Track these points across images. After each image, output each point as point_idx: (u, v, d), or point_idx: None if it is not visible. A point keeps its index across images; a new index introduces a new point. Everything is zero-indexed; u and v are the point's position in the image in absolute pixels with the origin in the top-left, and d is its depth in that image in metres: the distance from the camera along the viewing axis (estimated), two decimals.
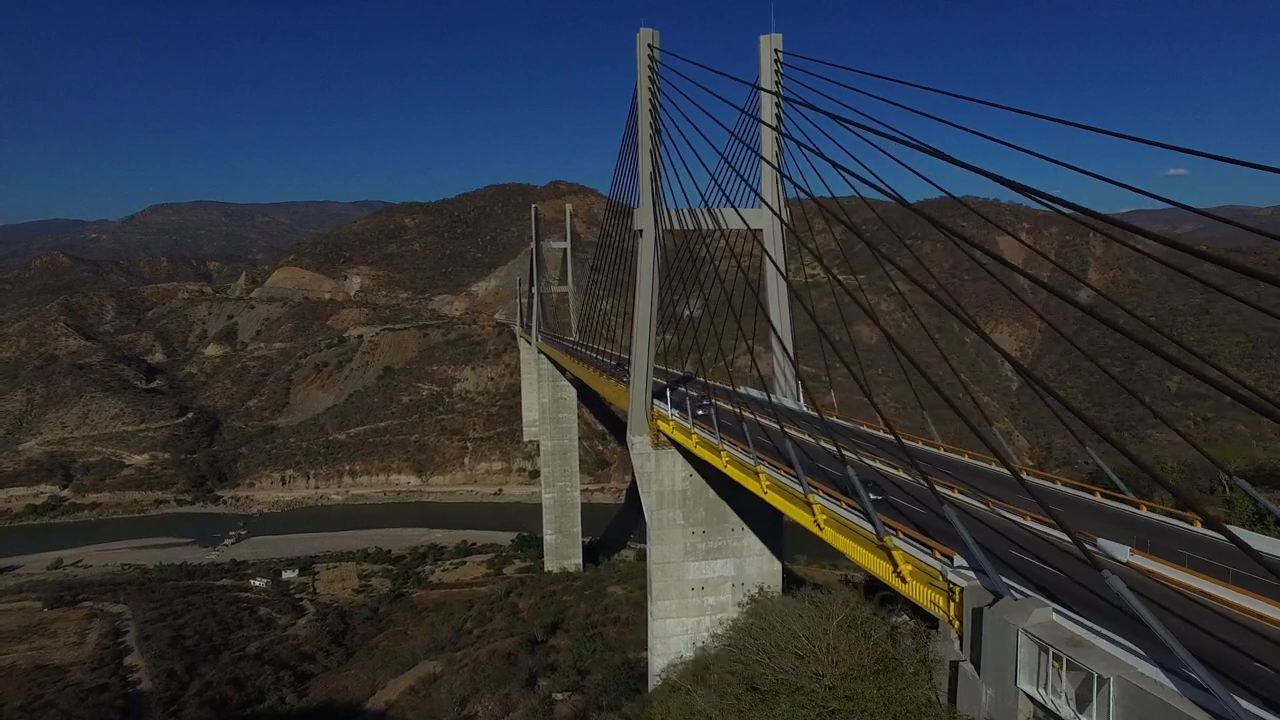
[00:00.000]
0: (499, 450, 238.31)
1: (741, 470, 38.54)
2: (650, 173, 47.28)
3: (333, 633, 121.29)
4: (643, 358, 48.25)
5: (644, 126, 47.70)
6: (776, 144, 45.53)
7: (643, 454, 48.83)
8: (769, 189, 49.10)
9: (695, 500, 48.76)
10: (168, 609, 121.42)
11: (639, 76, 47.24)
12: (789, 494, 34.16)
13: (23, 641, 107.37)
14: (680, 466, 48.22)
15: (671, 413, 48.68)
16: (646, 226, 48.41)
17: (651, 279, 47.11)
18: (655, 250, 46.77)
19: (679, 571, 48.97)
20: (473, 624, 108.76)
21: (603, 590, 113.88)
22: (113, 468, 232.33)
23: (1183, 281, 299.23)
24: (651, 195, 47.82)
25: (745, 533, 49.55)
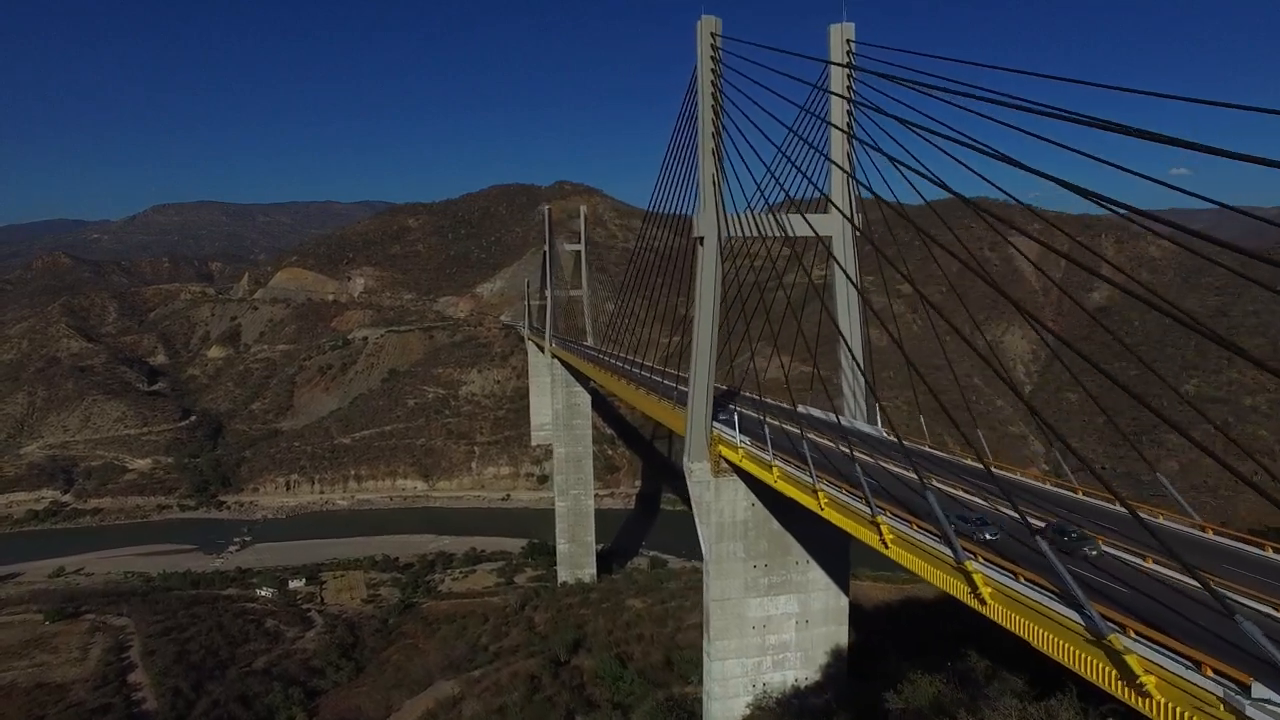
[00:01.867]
0: (506, 455, 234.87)
1: (851, 517, 33.43)
2: (713, 174, 43.62)
3: (342, 646, 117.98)
4: (703, 378, 44.63)
5: (705, 124, 43.73)
6: (847, 143, 41.94)
7: (702, 482, 45.32)
8: (838, 192, 45.49)
9: (758, 532, 45.31)
10: (172, 622, 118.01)
11: (699, 70, 43.37)
12: (929, 555, 28.34)
13: (23, 657, 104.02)
14: (742, 495, 44.77)
15: (741, 439, 44.53)
16: (708, 233, 44.49)
17: (714, 290, 43.54)
18: (718, 258, 43.14)
19: (739, 609, 45.50)
20: (488, 639, 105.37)
21: (621, 604, 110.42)
22: (115, 472, 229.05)
23: (1196, 283, 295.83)
24: (714, 199, 44.04)
25: (810, 566, 46.09)
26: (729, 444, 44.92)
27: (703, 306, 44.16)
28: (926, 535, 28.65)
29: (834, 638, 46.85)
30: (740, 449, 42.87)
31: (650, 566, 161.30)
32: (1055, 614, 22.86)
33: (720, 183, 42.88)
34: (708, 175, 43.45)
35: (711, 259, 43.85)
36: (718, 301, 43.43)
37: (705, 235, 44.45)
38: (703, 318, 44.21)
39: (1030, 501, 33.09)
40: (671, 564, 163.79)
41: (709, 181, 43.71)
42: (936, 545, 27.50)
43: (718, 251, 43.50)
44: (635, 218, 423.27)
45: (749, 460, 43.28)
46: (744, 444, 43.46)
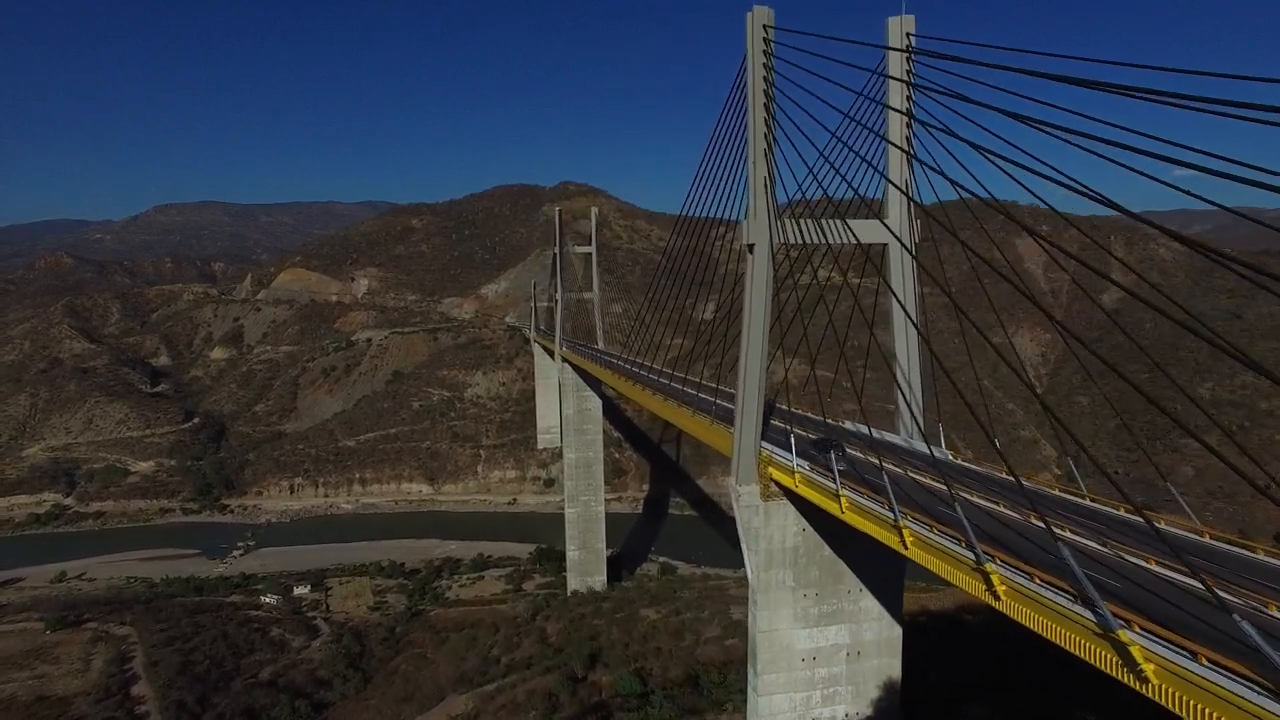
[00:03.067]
0: (513, 458, 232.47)
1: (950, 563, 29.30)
2: (764, 177, 40.75)
3: (349, 655, 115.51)
4: (753, 396, 41.71)
5: (755, 125, 40.44)
6: (906, 144, 39.31)
7: (751, 507, 42.63)
8: (894, 196, 42.81)
9: (808, 559, 42.69)
10: (176, 631, 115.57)
11: (750, 65, 40.09)
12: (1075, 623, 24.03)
13: (24, 668, 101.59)
14: (792, 520, 42.14)
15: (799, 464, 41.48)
16: (759, 240, 41.19)
17: (765, 301, 40.91)
18: (770, 268, 40.42)
19: (788, 640, 42.85)
20: (499, 650, 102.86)
21: (635, 614, 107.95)
22: (117, 475, 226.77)
23: (1207, 285, 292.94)
24: (766, 204, 41.10)
25: (863, 594, 43.53)
26: (781, 467, 42.01)
27: (753, 319, 41.30)
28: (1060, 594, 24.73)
29: (886, 670, 44.17)
30: (797, 473, 40.19)
31: (660, 573, 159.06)
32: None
33: (772, 186, 40.36)
34: (759, 178, 40.66)
35: (763, 268, 40.99)
36: (768, 314, 40.79)
37: (756, 242, 41.45)
38: (753, 331, 41.29)
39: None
40: (681, 570, 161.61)
41: (760, 185, 40.91)
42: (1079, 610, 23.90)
43: (770, 260, 41.00)
44: (640, 219, 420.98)
45: (808, 487, 40.36)
46: (801, 468, 40.91)
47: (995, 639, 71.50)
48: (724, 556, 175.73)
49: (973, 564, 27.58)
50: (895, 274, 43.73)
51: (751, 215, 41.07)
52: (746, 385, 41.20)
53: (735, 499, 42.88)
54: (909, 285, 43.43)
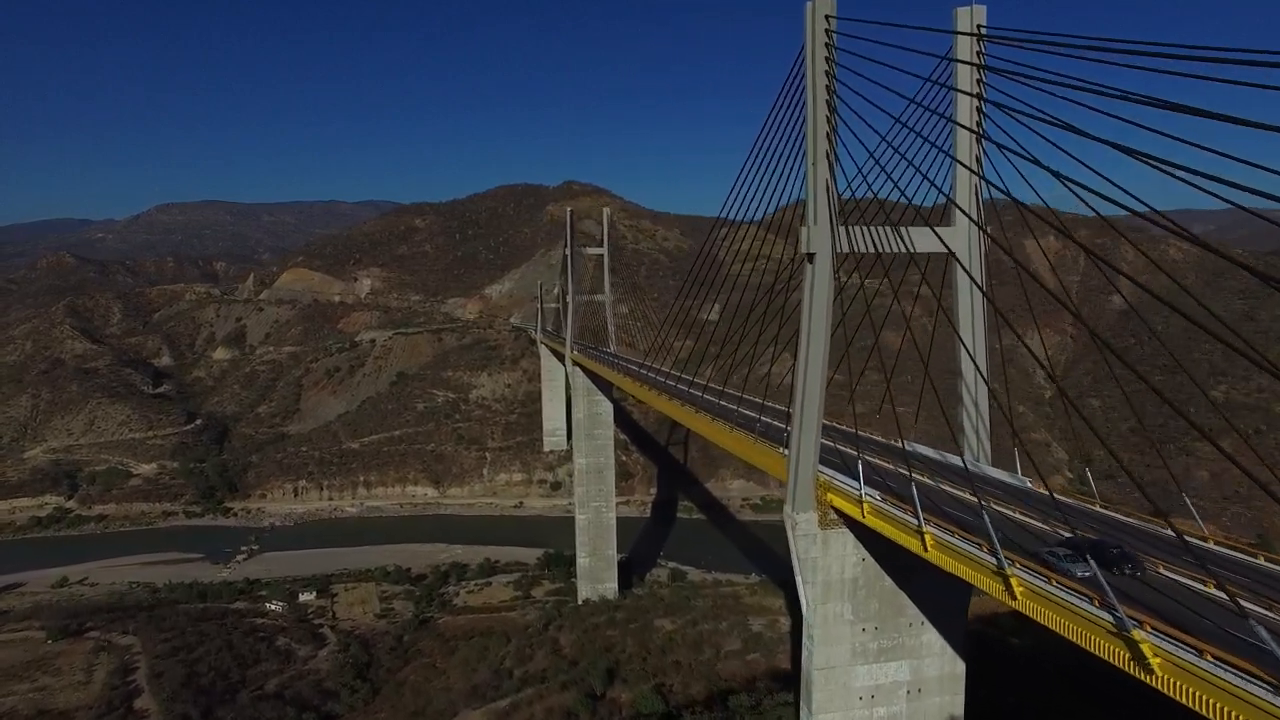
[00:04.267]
0: (519, 461, 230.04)
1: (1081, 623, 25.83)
2: (826, 181, 37.87)
3: (356, 665, 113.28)
4: (812, 418, 38.90)
5: (816, 124, 37.47)
6: (976, 144, 36.65)
7: (808, 535, 39.70)
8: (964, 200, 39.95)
9: (868, 591, 40.03)
10: (180, 641, 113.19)
11: (810, 59, 37.26)
12: None
13: (25, 680, 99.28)
14: (852, 549, 39.36)
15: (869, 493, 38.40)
16: (821, 249, 38.20)
17: (826, 315, 38.03)
18: (832, 279, 37.54)
19: (845, 678, 40.08)
20: (512, 662, 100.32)
21: (649, 624, 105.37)
22: (119, 477, 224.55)
23: (1218, 286, 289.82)
24: (829, 209, 38.13)
25: (925, 628, 40.89)
26: (844, 494, 39.08)
27: (813, 335, 38.29)
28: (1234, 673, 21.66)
29: (948, 708, 41.35)
30: (865, 503, 37.47)
31: (671, 579, 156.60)
32: None
33: (835, 190, 37.66)
34: (820, 182, 37.83)
35: (824, 279, 38.09)
36: (829, 330, 37.94)
37: (817, 252, 38.45)
38: (812, 348, 38.34)
39: None
40: (691, 576, 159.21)
41: (821, 189, 38.03)
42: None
43: (831, 271, 38.10)
44: (645, 219, 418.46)
45: (880, 519, 36.91)
46: (871, 497, 37.97)
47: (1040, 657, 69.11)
48: (733, 561, 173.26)
49: (1112, 627, 24.70)
50: (962, 285, 41.08)
51: (811, 221, 38.37)
52: (805, 405, 38.35)
53: (791, 527, 39.99)
54: (976, 297, 40.80)
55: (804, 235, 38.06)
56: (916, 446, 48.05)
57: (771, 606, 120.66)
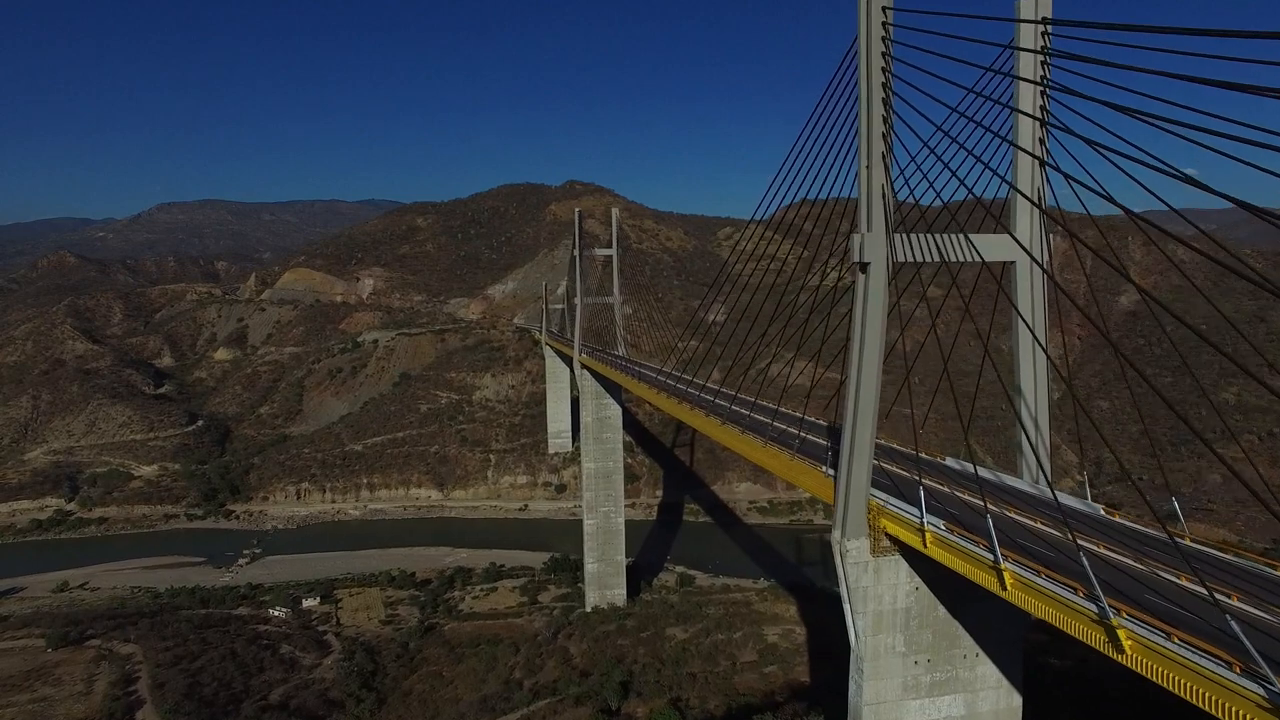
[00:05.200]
0: (524, 463, 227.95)
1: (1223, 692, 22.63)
2: (882, 185, 35.16)
3: (362, 674, 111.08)
4: (864, 438, 36.58)
5: (870, 124, 34.66)
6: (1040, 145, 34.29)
7: (859, 564, 37.36)
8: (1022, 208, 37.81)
9: (921, 621, 37.87)
10: (182, 649, 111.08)
11: (864, 52, 34.41)
12: None
13: (24, 690, 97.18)
14: (905, 578, 37.14)
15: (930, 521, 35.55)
16: (875, 258, 35.63)
17: (880, 330, 35.49)
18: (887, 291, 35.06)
19: (896, 714, 37.73)
20: (521, 672, 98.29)
21: (661, 633, 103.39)
22: (121, 479, 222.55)
23: (1228, 287, 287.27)
24: (885, 215, 35.62)
25: (980, 660, 38.62)
26: (900, 521, 36.82)
27: (867, 349, 35.82)
28: None
29: None
30: (928, 531, 35.21)
31: (679, 584, 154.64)
32: None
33: (892, 194, 35.16)
34: (875, 186, 35.15)
35: (879, 291, 35.52)
36: (882, 345, 35.61)
37: (872, 261, 35.68)
38: (866, 363, 35.87)
39: None
40: (699, 580, 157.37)
41: (877, 194, 35.28)
42: None
43: (886, 282, 35.50)
44: (648, 218, 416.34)
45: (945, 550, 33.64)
46: (934, 526, 35.08)
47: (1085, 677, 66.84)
48: (741, 565, 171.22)
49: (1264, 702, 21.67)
50: (1023, 294, 38.88)
51: (864, 228, 35.81)
52: (857, 426, 35.95)
53: (840, 555, 37.62)
54: (1038, 307, 38.62)
55: (855, 243, 35.76)
56: (965, 465, 45.69)
57: (784, 614, 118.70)
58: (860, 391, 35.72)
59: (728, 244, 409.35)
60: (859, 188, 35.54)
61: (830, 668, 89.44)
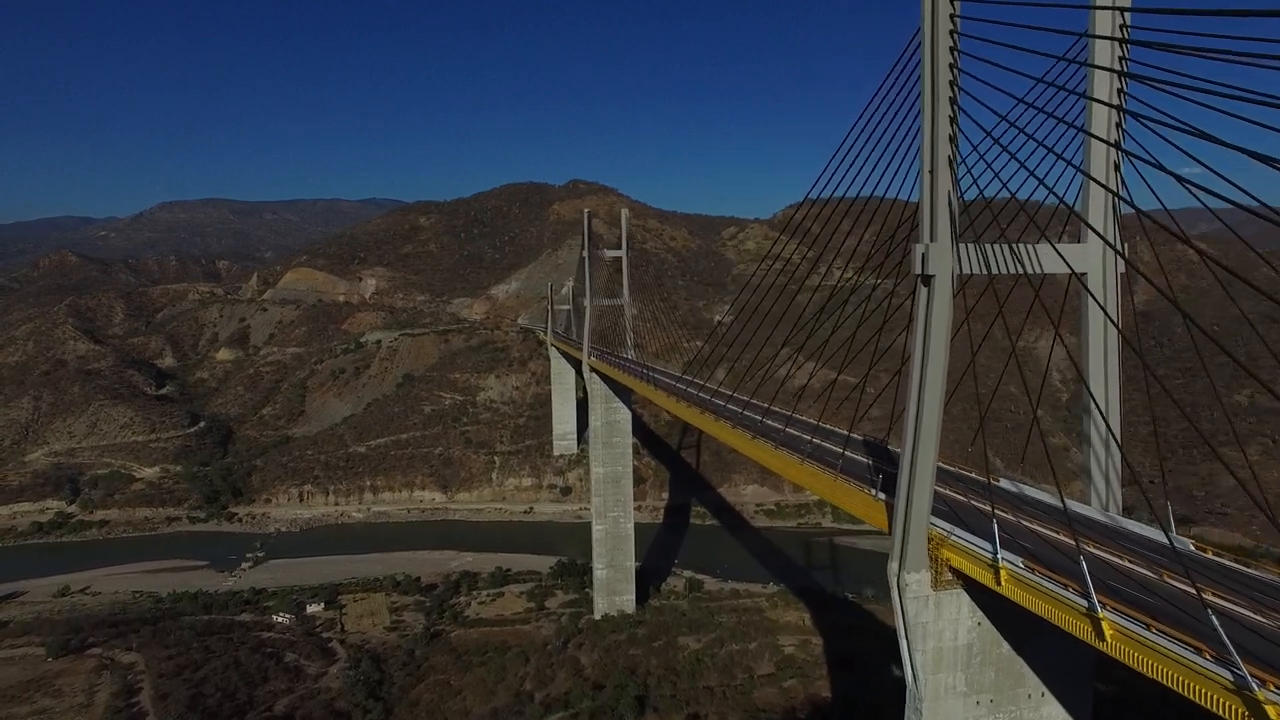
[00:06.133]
0: (529, 465, 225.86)
1: None
2: (949, 192, 32.65)
3: (368, 683, 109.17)
4: (926, 464, 34.17)
5: (936, 122, 31.89)
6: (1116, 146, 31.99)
7: (918, 598, 34.83)
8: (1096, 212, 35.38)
9: (983, 658, 35.51)
10: (185, 659, 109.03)
11: (930, 45, 31.86)
12: None
13: (23, 701, 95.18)
14: (966, 613, 34.73)
15: (1005, 558, 32.56)
16: (940, 270, 32.95)
17: (945, 347, 32.94)
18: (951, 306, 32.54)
19: None
20: (532, 684, 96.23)
21: (674, 642, 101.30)
22: (122, 481, 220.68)
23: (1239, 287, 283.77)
24: (951, 225, 32.74)
25: (1046, 700, 36.17)
26: (966, 554, 34.14)
27: (930, 369, 33.32)
28: None
29: None
30: (1004, 568, 31.26)
31: (687, 589, 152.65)
32: None
33: (958, 201, 32.74)
34: (940, 192, 32.66)
35: (944, 306, 32.92)
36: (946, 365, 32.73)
37: (937, 274, 33.00)
38: (929, 384, 33.40)
39: None
40: (708, 585, 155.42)
41: (941, 201, 32.81)
42: None
43: (951, 296, 32.91)
44: (652, 218, 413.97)
45: (1025, 590, 30.40)
46: (1010, 563, 31.90)
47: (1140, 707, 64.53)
48: (749, 569, 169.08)
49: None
50: (1094, 309, 36.55)
51: (926, 238, 33.30)
52: (919, 452, 33.48)
53: (897, 589, 35.12)
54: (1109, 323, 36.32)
55: (917, 254, 33.52)
56: (1022, 486, 43.39)
57: (797, 623, 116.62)
58: (923, 414, 33.27)
59: (732, 244, 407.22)
60: (920, 194, 33.18)
61: (849, 679, 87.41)
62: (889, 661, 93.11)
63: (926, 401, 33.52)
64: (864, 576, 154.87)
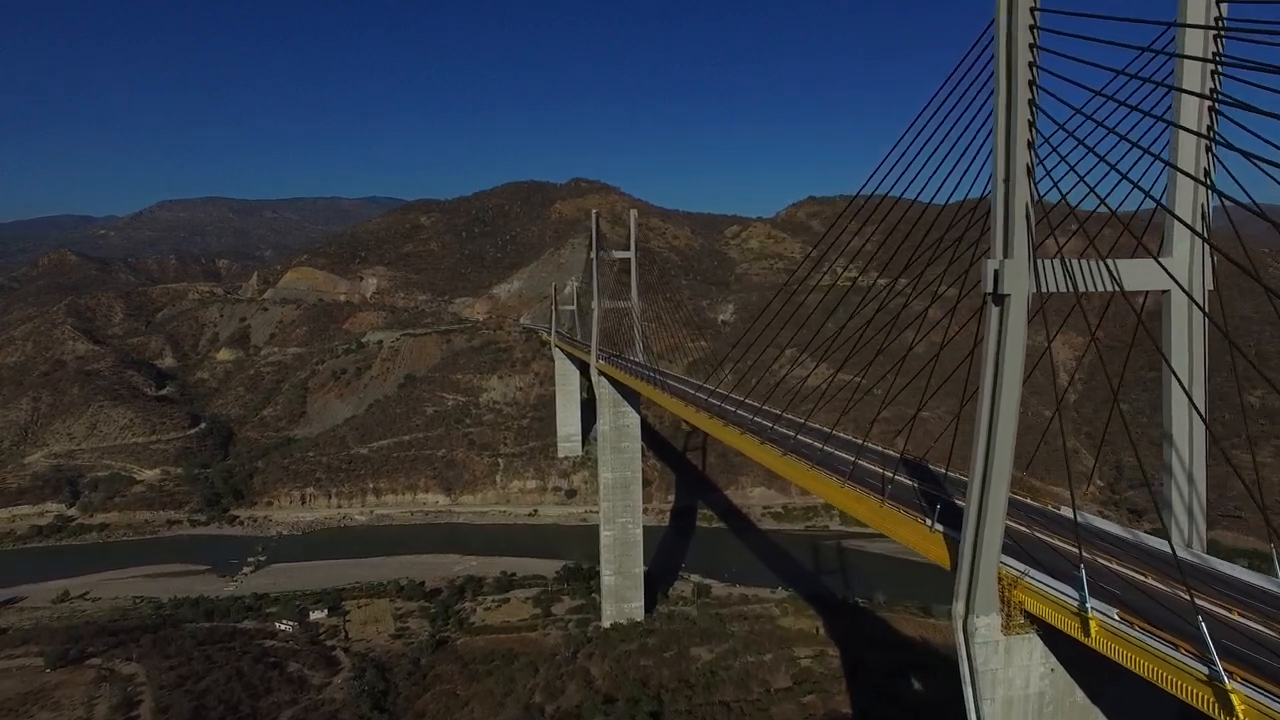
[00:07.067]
0: (533, 467, 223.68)
1: None
2: (1026, 204, 29.92)
3: (373, 694, 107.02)
4: (1000, 499, 31.36)
5: (1013, 128, 29.19)
6: (1207, 149, 29.53)
7: (987, 643, 32.23)
8: (1178, 226, 33.18)
9: (1056, 707, 32.75)
10: (187, 669, 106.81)
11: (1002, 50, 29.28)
12: None
13: (21, 715, 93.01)
14: (1039, 659, 32.09)
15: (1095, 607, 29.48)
16: (1016, 289, 30.11)
17: (1018, 374, 30.40)
18: (1026, 327, 30.02)
19: None
20: (541, 696, 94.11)
21: (685, 652, 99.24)
22: (122, 483, 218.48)
23: (1247, 286, 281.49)
24: (1028, 239, 29.99)
25: None
26: (1045, 599, 31.24)
27: (1004, 396, 30.68)
28: None
29: None
30: (1094, 619, 28.16)
31: (695, 594, 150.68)
32: None
33: (1034, 215, 29.90)
34: (1018, 203, 29.83)
35: (1019, 328, 30.07)
36: (1019, 390, 30.38)
37: (1012, 293, 30.16)
38: (1003, 413, 30.67)
39: None
40: (716, 590, 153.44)
41: (1019, 212, 29.70)
42: None
43: (1026, 317, 30.30)
44: (654, 216, 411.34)
45: (1126, 645, 27.41)
46: (1102, 613, 28.67)
47: None
48: (757, 573, 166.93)
49: None
50: (1178, 330, 34.32)
51: (999, 254, 30.47)
52: (991, 486, 30.47)
53: (964, 633, 32.45)
54: (1196, 340, 34.16)
55: (987, 271, 30.69)
56: (1088, 517, 40.93)
57: (810, 631, 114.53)
58: (995, 446, 30.54)
59: (735, 242, 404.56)
60: (994, 204, 30.49)
61: (867, 694, 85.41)
62: (908, 675, 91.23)
63: (1000, 433, 31.14)
64: (874, 581, 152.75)
